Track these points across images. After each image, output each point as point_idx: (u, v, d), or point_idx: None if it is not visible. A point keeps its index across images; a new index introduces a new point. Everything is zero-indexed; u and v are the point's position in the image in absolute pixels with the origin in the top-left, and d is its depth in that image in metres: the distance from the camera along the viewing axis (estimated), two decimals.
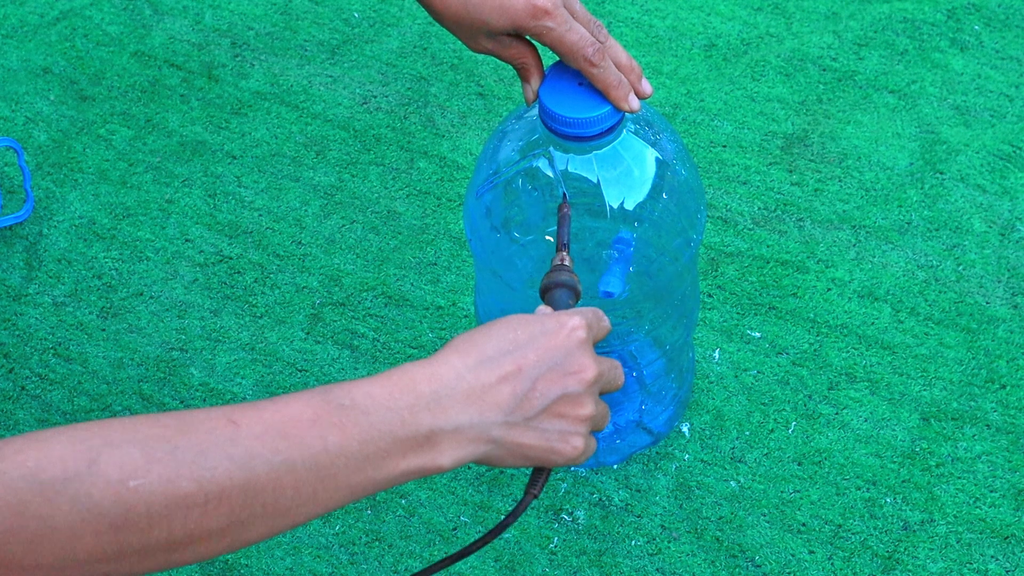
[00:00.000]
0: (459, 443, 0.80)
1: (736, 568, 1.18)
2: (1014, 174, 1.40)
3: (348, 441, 0.76)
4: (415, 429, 0.78)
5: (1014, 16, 1.53)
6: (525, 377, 0.82)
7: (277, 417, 0.75)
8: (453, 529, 1.21)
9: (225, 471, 0.73)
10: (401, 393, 0.79)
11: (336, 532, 1.22)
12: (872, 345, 1.29)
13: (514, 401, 0.81)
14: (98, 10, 1.62)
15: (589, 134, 0.99)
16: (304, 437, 0.75)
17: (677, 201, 1.06)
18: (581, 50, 0.97)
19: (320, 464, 0.76)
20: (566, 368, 0.83)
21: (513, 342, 0.83)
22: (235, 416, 0.75)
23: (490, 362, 0.82)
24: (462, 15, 0.98)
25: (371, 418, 0.77)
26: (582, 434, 0.85)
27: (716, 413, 1.26)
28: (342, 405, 0.77)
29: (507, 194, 1.05)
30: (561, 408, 0.83)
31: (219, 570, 1.20)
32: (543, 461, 0.85)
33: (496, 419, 0.81)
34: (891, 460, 1.23)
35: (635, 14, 1.57)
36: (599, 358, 0.86)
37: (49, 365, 1.34)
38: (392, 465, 0.78)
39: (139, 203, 1.46)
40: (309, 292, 1.37)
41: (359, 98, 1.53)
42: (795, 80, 1.50)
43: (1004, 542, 1.18)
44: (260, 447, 0.74)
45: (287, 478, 0.75)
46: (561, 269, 0.94)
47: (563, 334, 0.84)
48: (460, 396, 0.80)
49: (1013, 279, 1.33)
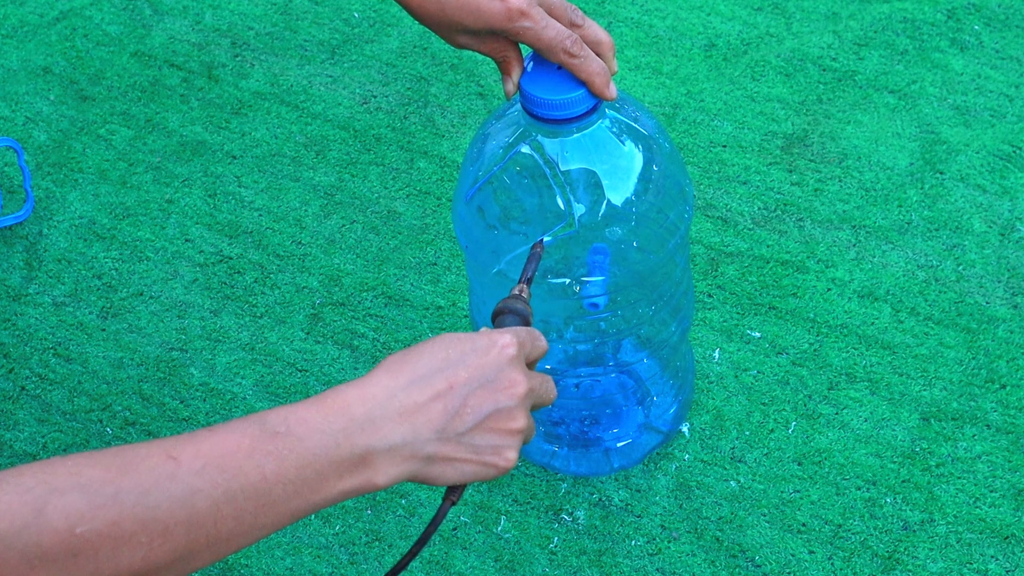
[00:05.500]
0: (394, 461, 0.82)
1: (736, 568, 1.18)
2: (1014, 174, 1.40)
3: (285, 468, 0.79)
4: (350, 451, 0.81)
5: (1014, 16, 1.53)
6: (456, 394, 0.84)
7: (215, 450, 0.77)
8: (453, 529, 1.21)
9: (167, 509, 0.75)
10: (334, 416, 0.81)
11: (336, 532, 1.22)
12: (872, 345, 1.29)
13: (446, 418, 0.83)
14: (98, 10, 1.63)
15: (575, 114, 0.99)
16: (242, 468, 0.77)
17: (660, 184, 1.06)
18: (559, 44, 0.98)
19: (259, 493, 0.78)
20: (497, 384, 0.85)
21: (445, 360, 0.85)
22: (175, 452, 0.77)
23: (422, 380, 0.83)
24: (439, 17, 0.99)
25: (306, 444, 0.79)
26: (515, 447, 0.87)
27: (716, 413, 1.26)
28: (277, 432, 0.79)
29: (498, 190, 1.05)
30: (493, 423, 0.85)
31: (219, 570, 1.20)
32: (478, 475, 0.86)
33: (429, 436, 0.83)
34: (891, 460, 1.23)
35: (635, 14, 1.57)
36: (531, 373, 0.88)
37: (49, 365, 1.34)
38: (329, 487, 0.80)
39: (139, 203, 1.46)
40: (309, 292, 1.37)
41: (359, 98, 1.53)
42: (795, 80, 1.50)
43: (1004, 542, 1.18)
44: (200, 482, 0.76)
45: (228, 509, 0.77)
46: (516, 298, 0.96)
47: (494, 351, 0.86)
48: (393, 415, 0.82)
49: (1013, 279, 1.33)
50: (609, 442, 1.21)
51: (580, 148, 1.02)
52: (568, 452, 1.22)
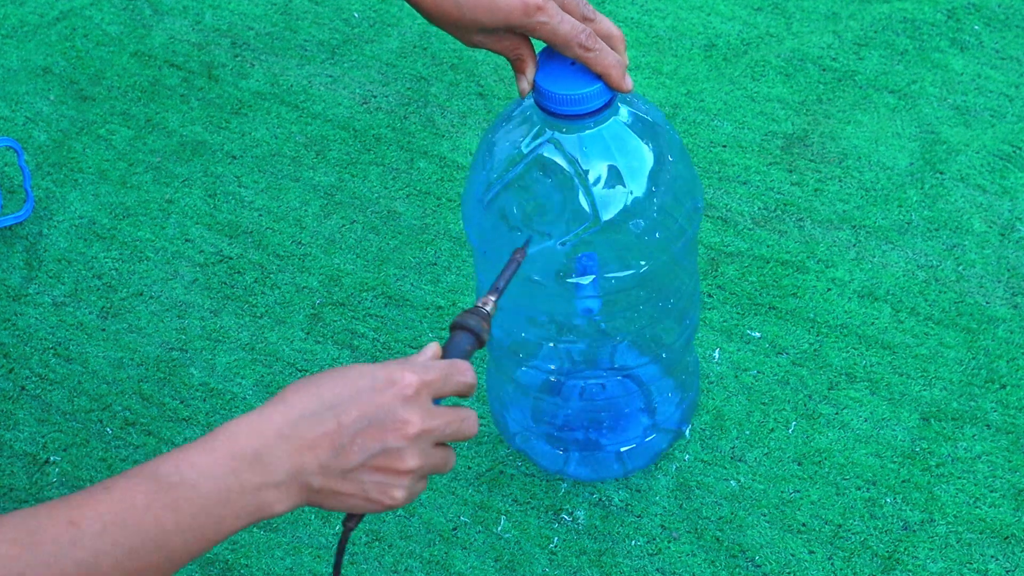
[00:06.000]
0: (284, 494, 0.84)
1: (736, 568, 1.18)
2: (1014, 174, 1.40)
3: (182, 518, 0.82)
4: (240, 491, 0.83)
5: (1014, 16, 1.53)
6: (344, 432, 0.85)
7: (113, 509, 0.80)
8: (453, 529, 1.21)
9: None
10: (224, 459, 0.83)
11: (336, 532, 1.22)
12: (872, 345, 1.29)
13: (332, 455, 0.85)
14: (98, 10, 1.62)
15: (594, 107, 1.00)
16: (141, 524, 0.81)
17: (676, 173, 1.06)
18: (575, 38, 0.98)
19: (159, 545, 0.81)
20: (386, 424, 0.86)
21: (338, 396, 0.85)
22: (75, 516, 0.80)
23: (312, 416, 0.85)
24: (455, 16, 0.99)
25: (199, 490, 0.82)
26: (403, 486, 0.87)
27: (716, 413, 1.26)
28: (171, 483, 0.82)
29: (517, 190, 1.05)
30: (380, 462, 0.86)
31: (219, 570, 1.20)
32: (361, 509, 0.88)
33: (314, 470, 0.84)
34: (891, 460, 1.23)
35: (635, 14, 1.57)
36: (434, 411, 0.88)
37: (49, 365, 1.34)
38: (227, 526, 0.83)
39: (139, 203, 1.46)
40: (309, 292, 1.37)
41: (359, 98, 1.53)
42: (795, 80, 1.50)
43: (1004, 542, 1.18)
44: (102, 544, 0.80)
45: (131, 564, 0.81)
46: (476, 313, 0.95)
47: (391, 391, 0.86)
48: (281, 452, 0.84)
49: (1013, 279, 1.33)
50: (617, 446, 1.21)
51: (599, 142, 1.02)
52: (579, 457, 1.21)
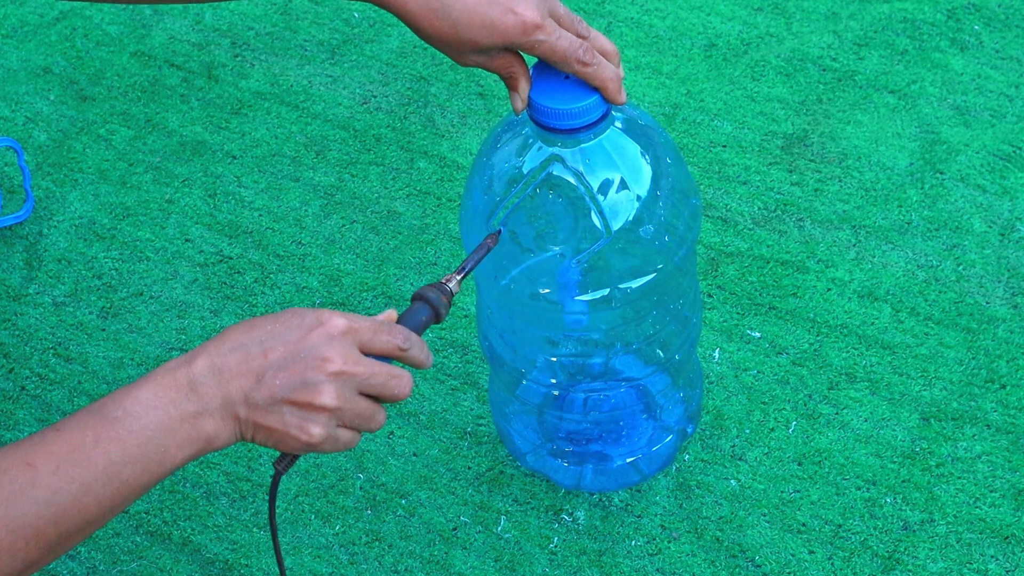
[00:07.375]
0: (220, 423, 0.88)
1: (736, 568, 1.18)
2: (1014, 174, 1.41)
3: (128, 448, 0.85)
4: (180, 418, 0.87)
5: (1014, 16, 1.53)
6: (269, 365, 0.88)
7: (65, 448, 0.85)
8: (453, 529, 1.21)
9: (35, 513, 0.83)
10: (163, 389, 0.87)
11: (336, 532, 1.22)
12: (872, 345, 1.29)
13: (254, 385, 0.87)
14: (98, 10, 1.63)
15: (593, 119, 1.00)
16: (91, 459, 0.85)
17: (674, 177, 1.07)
18: (573, 54, 0.98)
19: (111, 477, 0.85)
20: (308, 360, 0.88)
21: (269, 333, 0.89)
22: (29, 458, 0.84)
23: (241, 348, 0.88)
24: (451, 36, 0.98)
25: (142, 421, 0.86)
26: (320, 422, 0.89)
27: (716, 413, 1.26)
28: (115, 418, 0.86)
29: (526, 210, 1.04)
30: (298, 395, 0.88)
31: (219, 570, 1.20)
32: (283, 445, 0.90)
33: (239, 399, 0.87)
34: (891, 460, 1.23)
35: (635, 14, 1.57)
36: (360, 358, 0.90)
37: (49, 365, 1.34)
38: (172, 454, 0.87)
39: (139, 203, 1.46)
40: (309, 292, 1.37)
41: (359, 98, 1.53)
42: (795, 80, 1.50)
43: (1004, 542, 1.18)
44: (58, 481, 0.84)
45: (87, 499, 0.85)
46: (438, 288, 0.96)
47: (317, 331, 0.89)
48: (212, 381, 0.87)
49: (1013, 279, 1.33)
50: (624, 457, 1.21)
51: (600, 153, 1.02)
52: (593, 469, 1.21)
